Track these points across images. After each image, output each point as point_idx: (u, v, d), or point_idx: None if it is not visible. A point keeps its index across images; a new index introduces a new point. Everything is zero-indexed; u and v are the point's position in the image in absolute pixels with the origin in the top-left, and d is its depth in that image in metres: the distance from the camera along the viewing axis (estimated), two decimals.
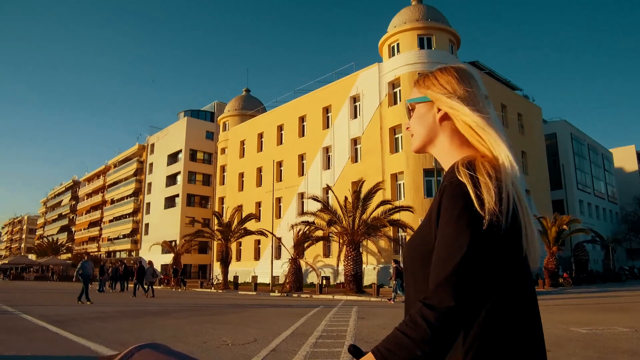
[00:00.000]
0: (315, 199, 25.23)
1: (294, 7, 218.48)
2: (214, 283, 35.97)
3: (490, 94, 37.46)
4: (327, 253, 36.51)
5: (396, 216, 25.10)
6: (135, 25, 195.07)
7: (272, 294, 26.35)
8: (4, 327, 9.61)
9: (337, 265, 25.11)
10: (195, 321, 10.68)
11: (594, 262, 42.55)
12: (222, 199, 50.13)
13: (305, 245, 27.47)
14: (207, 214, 56.27)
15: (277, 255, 41.16)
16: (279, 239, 29.71)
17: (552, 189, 43.79)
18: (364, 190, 24.39)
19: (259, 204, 43.84)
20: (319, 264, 35.93)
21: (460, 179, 1.05)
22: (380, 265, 32.00)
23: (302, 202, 40.28)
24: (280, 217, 41.64)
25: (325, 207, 24.69)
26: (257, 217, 34.81)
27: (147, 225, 61.23)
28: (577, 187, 47.85)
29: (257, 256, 43.81)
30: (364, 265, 33.11)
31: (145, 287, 22.89)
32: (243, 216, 35.66)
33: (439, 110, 1.21)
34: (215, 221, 36.54)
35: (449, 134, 1.20)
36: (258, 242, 43.10)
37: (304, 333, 8.58)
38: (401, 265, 20.30)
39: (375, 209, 24.65)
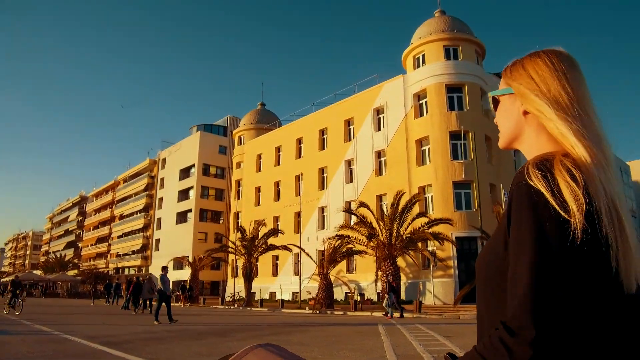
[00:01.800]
0: (350, 211, 24.37)
1: (309, 21, 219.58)
2: (236, 299, 34.90)
3: None
4: (350, 269, 35.53)
5: (435, 229, 24.22)
6: (147, 37, 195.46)
7: (300, 310, 25.38)
8: (59, 350, 8.70)
9: (376, 281, 24.16)
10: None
11: None
12: (237, 214, 49.23)
13: (336, 260, 26.53)
14: (220, 229, 55.32)
15: (296, 271, 40.22)
16: (308, 254, 28.72)
17: None
18: (402, 202, 23.50)
19: (276, 219, 42.98)
20: (340, 280, 34.91)
21: (530, 181, 0.91)
22: (409, 281, 31.01)
23: (323, 217, 39.46)
24: (299, 231, 40.76)
25: (362, 220, 23.83)
26: (282, 231, 33.88)
27: (157, 240, 60.28)
28: None
29: (274, 272, 42.80)
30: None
31: (141, 303, 22.82)
32: (265, 231, 34.72)
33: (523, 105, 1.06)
34: (236, 236, 35.58)
35: (535, 128, 1.05)
36: (276, 257, 42.14)
37: (413, 355, 7.70)
38: (393, 281, 19.77)
39: (411, 222, 23.80)
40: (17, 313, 19.07)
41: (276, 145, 45.57)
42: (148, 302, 23.24)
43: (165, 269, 16.43)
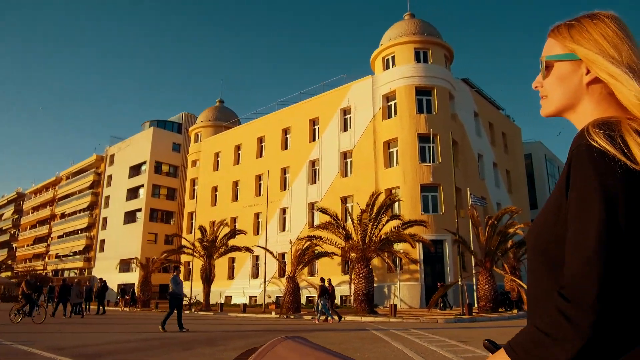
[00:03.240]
0: (324, 211, 23.43)
1: (273, 18, 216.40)
2: (192, 303, 33.08)
3: (480, 112, 37.31)
4: (312, 272, 34.56)
5: (409, 231, 23.66)
6: (96, 27, 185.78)
7: (266, 315, 24.17)
8: None
9: (350, 283, 23.32)
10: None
11: None
12: (191, 214, 47.15)
13: (305, 262, 25.49)
14: (171, 229, 52.95)
15: (255, 274, 38.85)
16: (275, 256, 27.50)
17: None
18: (377, 203, 22.81)
19: (234, 220, 41.37)
20: (302, 283, 33.91)
21: (591, 141, 0.87)
22: (375, 285, 30.38)
23: (284, 218, 38.34)
24: (258, 233, 39.41)
25: (337, 220, 22.95)
26: (244, 232, 32.43)
27: (102, 241, 56.90)
28: None
29: (231, 275, 41.18)
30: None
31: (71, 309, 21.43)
32: (226, 231, 33.07)
33: (588, 71, 0.99)
34: (194, 236, 33.76)
35: (596, 98, 1.00)
36: (233, 260, 40.58)
37: None
38: (327, 283, 19.24)
39: (385, 224, 23.16)
40: (39, 322, 15.82)
41: (236, 144, 44.01)
42: (78, 307, 21.99)
43: (176, 269, 14.90)
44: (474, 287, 24.33)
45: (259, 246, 29.52)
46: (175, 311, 13.58)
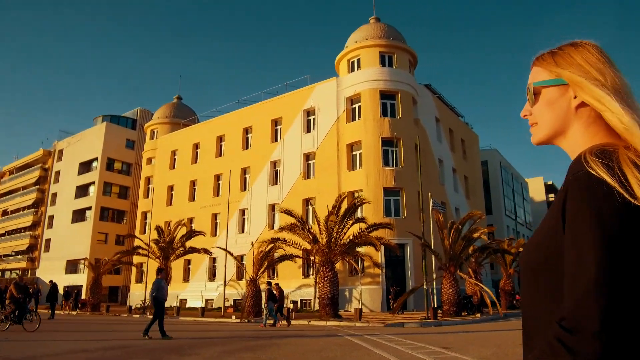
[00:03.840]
0: (289, 213, 22.92)
1: (236, 16, 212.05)
2: (146, 306, 31.74)
3: (441, 118, 37.83)
4: (272, 275, 33.92)
5: (374, 234, 23.48)
6: (45, 15, 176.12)
7: (226, 319, 23.41)
8: None
9: (315, 286, 22.88)
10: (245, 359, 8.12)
11: None
12: (145, 214, 45.45)
13: (267, 265, 24.90)
14: (123, 229, 51.00)
15: (212, 276, 37.83)
16: (236, 258, 26.71)
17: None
18: (343, 205, 22.52)
19: (191, 220, 40.15)
20: (262, 286, 33.22)
21: (590, 169, 0.88)
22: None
23: (244, 219, 37.51)
24: (216, 234, 38.41)
25: (303, 222, 22.49)
26: (203, 233, 31.42)
27: (48, 240, 54.08)
28: (505, 214, 49.93)
29: (186, 277, 39.92)
30: (312, 289, 31.22)
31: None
32: (183, 232, 31.92)
33: (575, 97, 1.00)
34: (150, 237, 32.47)
35: (584, 122, 1.01)
36: (188, 262, 39.35)
37: None
38: (275, 287, 19.16)
39: (350, 227, 22.91)
40: (31, 330, 14.05)
41: (194, 142, 42.79)
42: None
43: (161, 272, 13.81)
44: (433, 291, 24.46)
45: (219, 248, 28.61)
46: (153, 318, 12.73)
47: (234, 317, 23.66)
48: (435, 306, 19.91)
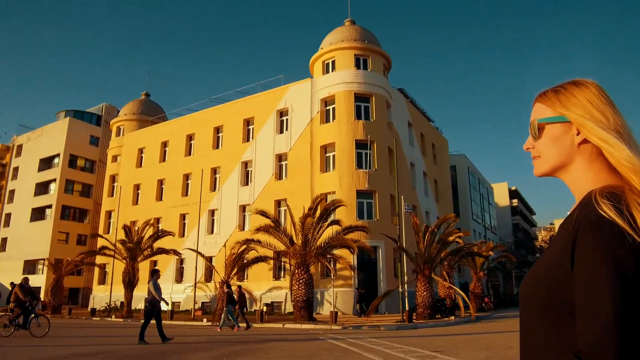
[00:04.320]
0: (264, 214, 22.53)
1: (208, 13, 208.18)
2: (112, 309, 30.68)
3: (413, 123, 38.14)
4: (241, 277, 33.39)
5: (350, 236, 23.34)
6: (6, 3, 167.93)
7: (197, 322, 22.83)
8: None
9: (291, 289, 22.53)
10: None
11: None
12: (109, 213, 44.04)
13: (239, 266, 24.44)
14: (85, 229, 49.36)
15: (179, 278, 36.96)
16: (207, 259, 26.10)
17: None
18: (320, 207, 22.30)
19: (158, 220, 39.09)
20: (233, 288, 32.63)
21: (601, 211, 0.92)
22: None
23: (213, 220, 36.79)
24: (184, 235, 37.55)
25: (277, 224, 22.14)
26: (172, 233, 30.60)
27: (4, 239, 51.73)
28: (472, 218, 50.80)
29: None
30: (286, 291, 30.87)
31: None
32: (145, 232, 30.95)
33: (579, 133, 1.06)
34: (116, 237, 31.39)
35: (587, 158, 1.06)
36: (154, 263, 38.27)
37: None
38: (235, 289, 19.13)
39: (325, 229, 22.73)
40: (40, 336, 13.02)
41: (162, 140, 41.74)
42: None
43: (155, 273, 13.09)
44: (405, 294, 24.54)
45: (190, 249, 27.90)
46: (155, 320, 12.22)
47: (205, 320, 23.08)
48: (409, 308, 19.92)
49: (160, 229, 35.25)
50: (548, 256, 1.02)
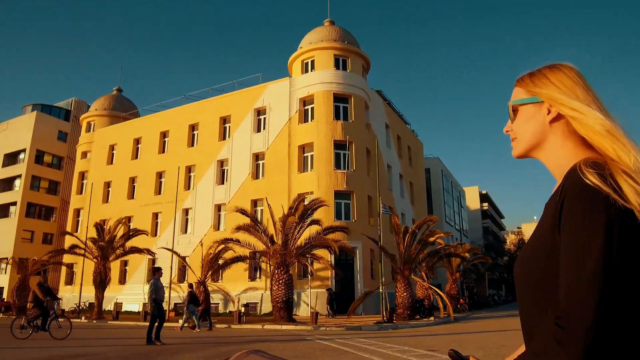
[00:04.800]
0: (244, 212, 22.13)
1: (183, 8, 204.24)
2: (82, 310, 29.65)
3: (390, 125, 38.29)
4: (216, 277, 32.79)
5: (331, 237, 23.13)
6: None
7: (173, 323, 22.21)
8: None
9: (271, 289, 22.14)
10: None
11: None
12: (77, 211, 42.68)
13: (215, 266, 23.96)
14: (51, 227, 47.75)
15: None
16: (183, 259, 25.47)
17: None
18: (300, 207, 22.05)
19: (129, 219, 38.09)
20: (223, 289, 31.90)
21: (587, 180, 0.93)
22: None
23: (187, 219, 36.06)
24: (157, 234, 36.69)
25: (256, 223, 21.77)
26: (145, 232, 29.78)
27: None
28: (446, 220, 51.34)
29: (122, 279, 37.78)
30: (262, 292, 30.49)
31: None
32: (117, 231, 30.01)
33: (549, 111, 1.10)
34: (87, 235, 30.34)
35: (560, 135, 1.10)
36: (125, 263, 37.26)
37: None
38: (196, 289, 19.05)
39: (306, 228, 22.49)
40: (61, 338, 12.25)
41: (135, 137, 40.70)
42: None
43: (158, 271, 12.41)
44: (385, 295, 24.53)
45: (165, 248, 27.21)
46: (157, 321, 11.71)
47: (180, 321, 22.43)
48: (389, 309, 19.87)
49: (130, 227, 34.36)
50: (537, 232, 1.04)
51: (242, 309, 22.28)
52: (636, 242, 0.89)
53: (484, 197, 75.71)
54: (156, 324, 11.69)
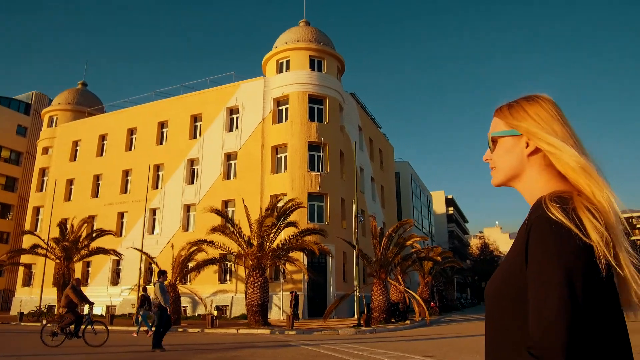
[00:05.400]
0: (219, 213, 21.56)
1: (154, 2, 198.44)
2: (42, 313, 28.27)
3: (363, 127, 38.31)
4: (184, 281, 31.91)
5: (308, 239, 22.79)
6: None
7: (143, 327, 21.41)
8: None
9: (246, 293, 21.61)
10: None
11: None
12: (37, 209, 40.87)
13: (188, 268, 23.27)
14: (8, 226, 45.57)
15: (115, 280, 34.86)
16: (153, 260, 24.59)
17: None
18: (278, 208, 21.65)
19: (93, 218, 36.66)
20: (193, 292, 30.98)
21: (550, 213, 0.98)
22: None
23: (154, 219, 35.00)
24: (122, 235, 35.46)
25: (232, 224, 21.23)
26: (113, 232, 28.69)
27: None
28: (414, 224, 51.81)
29: (85, 281, 36.32)
30: (232, 295, 29.87)
31: None
32: (81, 230, 28.83)
33: (528, 145, 1.14)
34: (49, 234, 29.03)
35: (537, 168, 1.14)
36: (87, 264, 35.86)
37: None
38: (149, 293, 18.78)
39: (282, 230, 22.12)
40: (97, 345, 11.51)
41: (101, 133, 39.29)
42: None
43: (163, 274, 11.76)
44: (361, 298, 24.39)
45: (136, 249, 26.22)
46: (157, 326, 11.12)
47: (150, 324, 21.64)
48: (366, 313, 19.70)
49: (94, 227, 33.08)
50: (508, 258, 1.08)
51: (215, 313, 21.63)
52: (596, 275, 0.93)
53: (449, 202, 76.96)
54: (161, 329, 11.11)
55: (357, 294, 20.47)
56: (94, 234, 27.12)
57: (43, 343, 11.55)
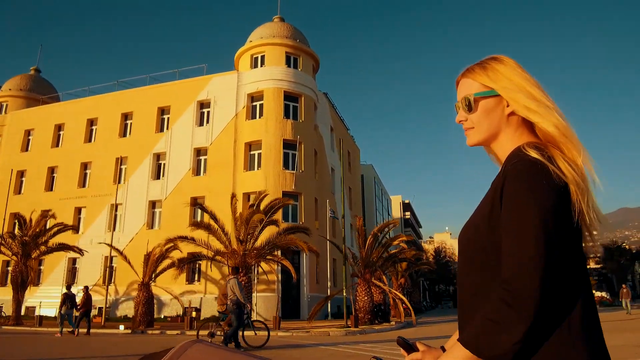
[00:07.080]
0: (202, 207, 20.56)
1: None
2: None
3: (334, 128, 38.07)
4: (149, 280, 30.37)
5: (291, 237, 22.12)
6: None
7: (113, 330, 20.12)
8: None
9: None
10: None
11: None
12: None
13: (160, 268, 22.09)
14: None
15: (71, 280, 32.70)
16: (127, 259, 23.13)
17: None
18: (262, 205, 20.91)
19: (47, 213, 34.29)
20: (135, 292, 29.49)
21: (527, 155, 1.02)
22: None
23: (116, 215, 33.16)
24: (79, 231, 33.35)
25: (216, 221, 20.27)
26: (75, 228, 26.86)
27: None
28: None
29: (36, 281, 33.89)
30: (201, 295, 28.67)
31: None
32: (40, 225, 26.90)
33: (508, 105, 1.16)
34: (3, 229, 26.83)
35: (514, 126, 1.17)
36: (39, 262, 33.49)
37: None
38: (82, 290, 18.34)
39: (265, 228, 21.40)
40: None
41: (57, 123, 36.93)
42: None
43: (236, 270, 11.28)
44: (351, 299, 24.03)
45: (107, 244, 24.62)
46: (236, 325, 10.73)
47: (122, 327, 20.32)
48: (352, 314, 19.32)
49: (50, 222, 30.91)
50: (481, 205, 1.09)
51: (194, 314, 20.57)
52: (567, 215, 0.97)
53: (406, 206, 78.06)
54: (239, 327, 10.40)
55: (345, 294, 20.04)
56: (55, 229, 25.22)
57: None
